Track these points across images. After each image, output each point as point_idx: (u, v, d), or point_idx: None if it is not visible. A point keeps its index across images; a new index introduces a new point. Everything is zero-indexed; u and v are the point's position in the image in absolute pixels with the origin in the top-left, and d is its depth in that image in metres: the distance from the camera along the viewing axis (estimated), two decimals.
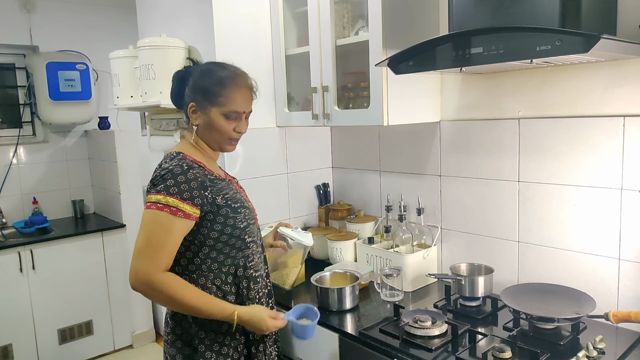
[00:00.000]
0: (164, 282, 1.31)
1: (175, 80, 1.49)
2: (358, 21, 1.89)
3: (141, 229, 1.34)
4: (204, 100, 1.42)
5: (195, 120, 1.45)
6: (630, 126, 1.46)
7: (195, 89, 1.43)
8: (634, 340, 1.44)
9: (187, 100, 1.45)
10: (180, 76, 1.48)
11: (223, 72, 1.44)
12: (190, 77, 1.45)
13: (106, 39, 3.82)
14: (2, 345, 3.06)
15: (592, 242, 1.58)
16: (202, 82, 1.43)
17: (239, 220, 1.42)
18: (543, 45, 1.15)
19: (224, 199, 1.40)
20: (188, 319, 1.40)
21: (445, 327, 1.50)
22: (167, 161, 1.41)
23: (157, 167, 1.43)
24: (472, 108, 1.86)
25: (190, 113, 1.44)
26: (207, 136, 1.46)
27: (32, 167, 3.67)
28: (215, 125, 1.43)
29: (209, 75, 1.43)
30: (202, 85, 1.42)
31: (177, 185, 1.32)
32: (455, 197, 1.95)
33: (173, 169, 1.35)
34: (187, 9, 2.18)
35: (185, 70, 1.49)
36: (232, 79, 1.43)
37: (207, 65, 1.48)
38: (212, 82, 1.42)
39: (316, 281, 1.80)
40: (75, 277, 3.32)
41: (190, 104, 1.44)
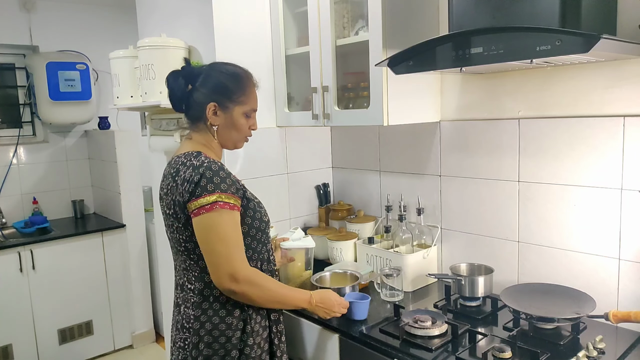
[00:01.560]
0: (258, 274, 1.40)
1: (179, 80, 1.46)
2: (358, 21, 1.89)
3: (212, 233, 1.33)
4: (226, 100, 1.45)
5: (216, 121, 1.46)
6: (630, 126, 1.46)
7: (217, 89, 1.44)
8: (634, 340, 1.43)
9: (205, 100, 1.44)
10: (188, 76, 1.46)
11: (241, 71, 1.50)
12: (200, 78, 1.45)
13: (106, 39, 3.82)
14: (2, 345, 3.06)
15: (592, 242, 1.58)
16: (225, 82, 1.45)
17: (263, 214, 1.49)
18: (543, 45, 1.15)
19: (250, 194, 1.46)
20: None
21: (445, 327, 1.50)
22: (193, 159, 1.39)
23: (179, 166, 1.39)
24: (472, 108, 1.86)
25: (211, 114, 1.45)
26: (226, 135, 1.49)
27: (32, 167, 3.67)
28: (237, 124, 1.48)
29: (231, 75, 1.47)
30: (225, 85, 1.45)
31: (223, 181, 1.35)
32: (455, 197, 1.95)
33: (210, 165, 1.36)
34: (187, 9, 2.18)
35: (190, 70, 1.47)
36: (249, 77, 1.51)
37: (222, 65, 1.50)
38: (234, 81, 1.46)
39: (316, 281, 1.80)
40: (75, 277, 3.32)
41: (211, 104, 1.44)
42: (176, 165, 1.42)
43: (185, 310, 1.45)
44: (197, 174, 1.34)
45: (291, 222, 2.33)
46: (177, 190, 1.37)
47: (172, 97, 1.49)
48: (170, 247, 1.52)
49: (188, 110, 1.49)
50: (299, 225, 2.28)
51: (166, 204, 1.43)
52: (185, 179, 1.36)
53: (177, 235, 1.42)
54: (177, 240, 1.44)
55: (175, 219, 1.40)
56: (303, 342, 1.75)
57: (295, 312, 1.76)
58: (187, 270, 1.45)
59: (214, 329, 1.39)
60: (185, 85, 1.46)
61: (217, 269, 1.33)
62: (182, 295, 1.47)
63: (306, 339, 1.74)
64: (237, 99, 1.46)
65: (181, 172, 1.38)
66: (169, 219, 1.43)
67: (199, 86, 1.45)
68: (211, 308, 1.40)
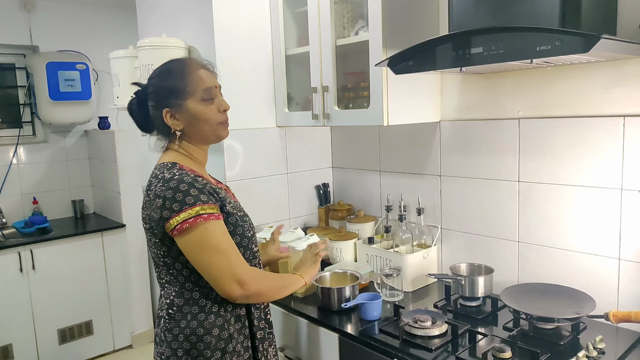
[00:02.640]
0: (258, 271, 1.38)
1: (135, 107, 1.40)
2: (358, 21, 1.89)
3: (206, 249, 1.24)
4: (175, 99, 1.34)
5: (177, 125, 1.36)
6: (630, 126, 1.46)
7: (161, 94, 1.35)
8: (634, 340, 1.44)
9: (157, 111, 1.36)
10: (140, 100, 1.39)
11: (173, 64, 1.39)
12: (147, 94, 1.38)
13: (106, 39, 3.82)
14: (2, 345, 3.06)
15: (592, 242, 1.58)
16: (164, 84, 1.35)
17: (246, 228, 1.38)
18: (543, 45, 1.15)
19: (231, 207, 1.35)
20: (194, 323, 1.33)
21: (445, 327, 1.50)
22: (165, 171, 1.31)
23: (152, 179, 1.32)
24: (472, 108, 1.86)
25: (168, 120, 1.35)
26: (197, 133, 1.38)
27: (32, 167, 3.67)
28: (199, 115, 1.35)
29: (167, 75, 1.37)
30: (166, 87, 1.35)
31: (200, 192, 1.26)
32: (455, 197, 1.95)
33: (182, 177, 1.27)
34: (187, 9, 2.18)
35: (138, 93, 1.41)
36: (185, 64, 1.38)
37: (159, 69, 1.40)
38: (173, 78, 1.35)
39: (316, 281, 1.80)
40: (75, 277, 3.32)
41: (165, 110, 1.34)
42: (150, 178, 1.34)
43: (163, 324, 1.35)
44: (168, 189, 1.25)
45: (291, 222, 2.33)
46: (152, 206, 1.28)
47: (138, 125, 1.43)
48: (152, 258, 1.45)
49: (150, 128, 1.43)
50: (299, 225, 2.28)
51: (143, 217, 1.34)
52: (157, 194, 1.27)
53: (155, 249, 1.34)
54: (155, 254, 1.36)
55: (152, 234, 1.31)
56: (303, 342, 1.75)
57: (295, 311, 1.76)
58: (168, 283, 1.36)
59: (192, 349, 1.30)
60: (141, 108, 1.39)
61: (223, 281, 1.26)
62: (164, 309, 1.37)
63: (306, 339, 1.74)
64: (183, 92, 1.33)
65: (152, 185, 1.30)
66: (147, 234, 1.35)
67: (148, 102, 1.37)
68: (188, 327, 1.31)
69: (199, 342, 1.30)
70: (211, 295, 1.33)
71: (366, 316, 1.64)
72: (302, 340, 1.75)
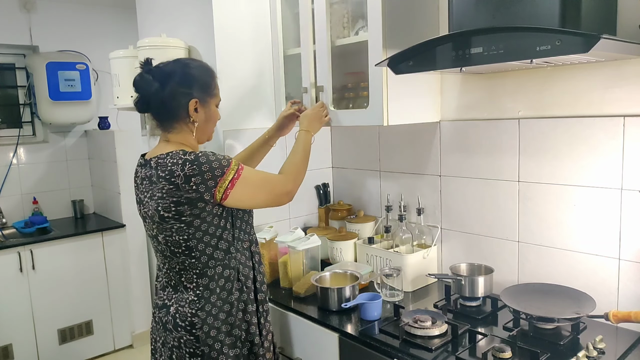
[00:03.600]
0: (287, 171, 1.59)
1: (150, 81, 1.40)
2: (358, 21, 1.89)
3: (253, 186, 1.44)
4: (204, 94, 1.47)
5: (198, 117, 1.46)
6: (630, 126, 1.46)
7: (196, 85, 1.45)
8: (634, 340, 1.44)
9: (186, 98, 1.42)
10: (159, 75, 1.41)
11: (209, 67, 1.53)
12: (176, 76, 1.42)
13: (106, 39, 3.82)
14: (2, 345, 3.06)
15: (592, 242, 1.58)
16: (203, 77, 1.47)
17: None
18: (543, 45, 1.15)
19: None
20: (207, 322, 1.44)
21: (445, 327, 1.50)
22: (182, 156, 1.36)
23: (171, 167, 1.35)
24: (472, 108, 1.86)
25: (193, 111, 1.44)
26: (203, 130, 1.51)
27: (32, 167, 3.67)
28: (213, 116, 1.52)
29: (206, 71, 1.50)
30: (203, 80, 1.47)
31: (223, 157, 1.41)
32: (455, 197, 1.95)
33: (205, 152, 1.40)
34: (187, 9, 2.18)
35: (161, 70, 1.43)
36: (214, 71, 1.53)
37: (191, 61, 1.52)
38: (209, 75, 1.50)
39: (316, 281, 1.80)
40: (75, 277, 3.32)
41: (193, 101, 1.44)
42: (165, 168, 1.36)
43: (179, 309, 1.43)
44: (200, 165, 1.35)
45: (291, 222, 2.33)
46: (183, 190, 1.34)
47: (144, 99, 1.44)
48: (157, 250, 1.50)
49: (162, 110, 1.45)
50: (299, 225, 2.28)
51: (163, 207, 1.37)
52: (188, 175, 1.34)
53: (175, 237, 1.40)
54: (175, 242, 1.41)
55: (176, 219, 1.38)
56: (303, 341, 1.75)
57: (295, 311, 1.76)
58: (185, 270, 1.44)
59: (216, 321, 1.44)
60: (160, 85, 1.41)
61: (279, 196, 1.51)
62: (176, 297, 1.46)
63: (306, 339, 1.74)
64: (212, 92, 1.50)
65: (177, 172, 1.34)
66: (166, 222, 1.39)
67: (176, 84, 1.41)
68: (219, 299, 1.45)
69: (231, 309, 1.47)
70: (231, 264, 1.47)
71: (366, 316, 1.64)
72: (302, 340, 1.75)
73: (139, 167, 1.50)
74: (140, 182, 1.49)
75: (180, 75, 1.43)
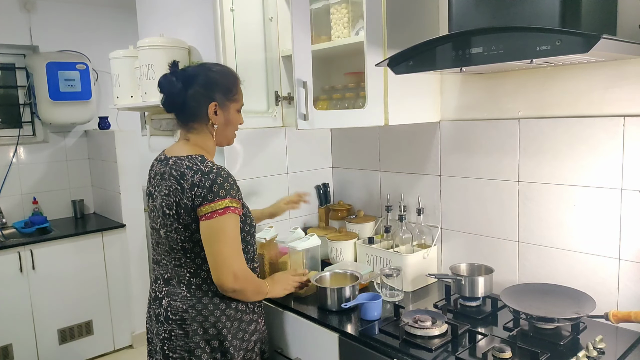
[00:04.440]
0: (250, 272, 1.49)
1: (174, 82, 1.47)
2: (358, 21, 1.89)
3: (220, 236, 1.39)
4: (225, 98, 1.51)
5: (217, 120, 1.51)
6: (630, 126, 1.46)
7: (217, 89, 1.50)
8: (634, 340, 1.44)
9: (205, 100, 1.48)
10: (183, 77, 1.48)
11: (232, 70, 1.58)
12: (199, 78, 1.48)
13: (106, 39, 3.82)
14: (2, 345, 3.06)
15: (592, 242, 1.58)
16: (222, 81, 1.51)
17: (252, 218, 1.57)
18: (543, 45, 1.15)
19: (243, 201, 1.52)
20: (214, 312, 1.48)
21: (445, 327, 1.50)
22: (199, 164, 1.42)
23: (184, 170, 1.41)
24: (472, 108, 1.86)
25: (212, 113, 1.50)
26: (223, 133, 1.55)
27: (32, 167, 3.67)
28: (233, 121, 1.55)
29: (227, 75, 1.54)
30: (223, 84, 1.51)
31: (232, 187, 1.42)
32: (455, 197, 1.95)
33: (220, 172, 1.41)
34: (187, 9, 2.18)
35: (185, 72, 1.50)
36: (237, 76, 1.58)
37: (214, 65, 1.57)
38: (230, 80, 1.54)
39: (316, 281, 1.80)
40: (75, 277, 3.32)
41: (212, 104, 1.49)
42: (179, 168, 1.43)
43: (171, 302, 1.48)
44: (207, 180, 1.39)
45: (291, 222, 2.33)
46: (185, 194, 1.40)
47: (169, 99, 1.51)
48: (157, 243, 1.55)
49: (183, 111, 1.51)
50: (299, 225, 2.27)
51: (167, 204, 1.45)
52: (194, 183, 1.39)
53: (174, 235, 1.46)
54: (173, 239, 1.47)
55: (175, 219, 1.44)
56: (302, 341, 1.75)
57: (295, 311, 1.76)
58: (180, 266, 1.49)
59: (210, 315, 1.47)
60: (183, 86, 1.48)
61: (222, 270, 1.40)
62: (168, 289, 1.51)
63: (306, 339, 1.74)
64: (232, 97, 1.53)
65: (187, 176, 1.41)
66: (167, 219, 1.46)
67: (198, 87, 1.48)
68: (210, 301, 1.47)
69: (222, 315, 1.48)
70: None
71: (366, 316, 1.64)
72: (302, 340, 1.75)
73: (157, 162, 1.56)
74: (153, 176, 1.55)
75: (202, 79, 1.49)
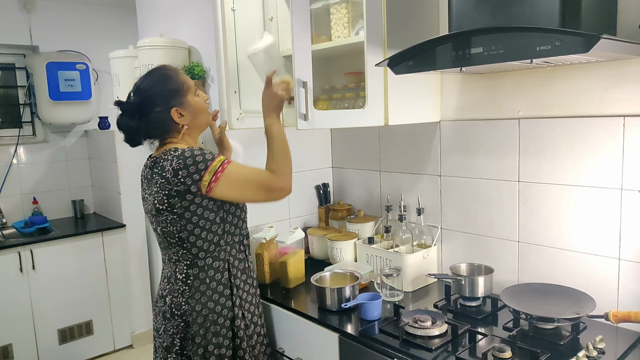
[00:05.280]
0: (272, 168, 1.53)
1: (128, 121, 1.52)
2: (358, 21, 1.89)
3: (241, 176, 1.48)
4: (179, 97, 1.52)
5: (184, 120, 1.54)
6: (630, 126, 1.46)
7: (168, 96, 1.51)
8: (634, 340, 1.44)
9: (164, 113, 1.51)
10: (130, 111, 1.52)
11: (164, 70, 1.56)
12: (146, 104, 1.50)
13: (106, 39, 3.82)
14: (2, 345, 3.06)
15: (592, 242, 1.58)
16: (167, 87, 1.51)
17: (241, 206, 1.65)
18: (543, 45, 1.15)
19: None
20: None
21: (445, 327, 1.50)
22: (172, 152, 1.47)
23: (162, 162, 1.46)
24: (472, 108, 1.86)
25: (177, 117, 1.52)
26: (197, 123, 1.58)
27: (32, 167, 3.67)
28: (198, 107, 1.56)
29: (165, 79, 1.53)
30: (169, 89, 1.51)
31: (209, 153, 1.47)
32: (455, 197, 1.95)
33: (192, 149, 1.46)
34: (187, 9, 2.18)
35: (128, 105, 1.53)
36: (171, 68, 1.57)
37: (151, 79, 1.54)
38: (171, 80, 1.53)
39: (316, 281, 1.80)
40: (75, 277, 3.32)
41: (173, 110, 1.51)
42: (158, 164, 1.48)
43: (173, 299, 1.54)
44: (186, 159, 1.43)
45: (291, 222, 2.33)
46: (172, 183, 1.44)
47: (132, 138, 1.55)
48: (159, 243, 1.61)
49: (157, 135, 1.56)
50: (299, 225, 2.28)
51: (158, 200, 1.49)
52: (175, 169, 1.43)
53: (170, 227, 1.51)
54: (169, 233, 1.52)
55: (169, 211, 1.48)
56: (303, 341, 1.75)
57: (295, 311, 1.76)
58: (178, 261, 1.55)
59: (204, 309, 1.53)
60: (137, 121, 1.51)
61: (267, 192, 1.50)
62: (169, 287, 1.56)
63: (305, 339, 1.74)
64: (182, 90, 1.53)
65: (167, 167, 1.45)
66: (161, 215, 1.50)
67: (149, 110, 1.51)
68: (203, 293, 1.53)
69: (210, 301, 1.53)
70: (221, 256, 1.56)
71: (366, 316, 1.64)
72: (302, 340, 1.75)
73: (143, 168, 1.62)
74: (143, 180, 1.61)
75: (148, 100, 1.51)
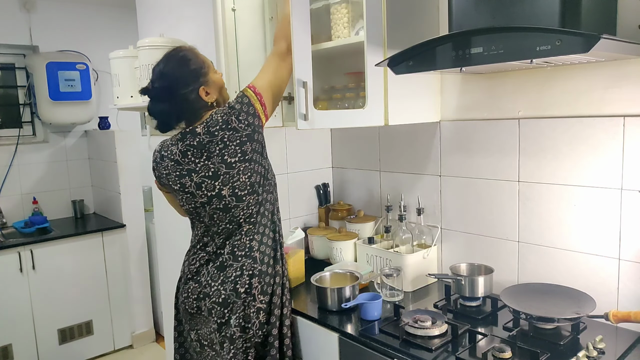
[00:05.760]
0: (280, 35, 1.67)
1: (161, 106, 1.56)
2: (358, 21, 1.89)
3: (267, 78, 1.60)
4: (203, 76, 1.57)
5: (211, 98, 1.60)
6: (630, 126, 1.46)
7: (193, 77, 1.56)
8: (633, 340, 1.44)
9: (193, 93, 1.55)
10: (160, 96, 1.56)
11: (184, 52, 1.61)
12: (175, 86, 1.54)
13: (106, 39, 3.82)
14: (2, 345, 3.06)
15: (592, 242, 1.58)
16: (191, 68, 1.56)
17: None
18: (543, 45, 1.15)
19: None
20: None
21: (445, 327, 1.50)
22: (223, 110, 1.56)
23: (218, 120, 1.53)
24: (472, 108, 1.86)
25: (204, 96, 1.57)
26: (221, 98, 1.65)
27: (32, 167, 3.67)
28: (220, 82, 1.64)
29: (186, 61, 1.57)
30: (193, 70, 1.56)
31: None
32: (455, 197, 1.95)
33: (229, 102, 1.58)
34: (187, 9, 2.18)
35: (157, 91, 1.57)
36: (190, 49, 1.63)
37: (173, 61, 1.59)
38: (192, 61, 1.58)
39: (316, 281, 1.80)
40: (75, 277, 3.32)
41: (201, 89, 1.56)
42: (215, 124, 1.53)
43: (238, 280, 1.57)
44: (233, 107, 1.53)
45: (291, 222, 2.33)
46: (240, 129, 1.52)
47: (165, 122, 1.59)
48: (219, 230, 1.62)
49: (186, 118, 1.59)
50: (299, 225, 2.28)
51: (229, 154, 1.53)
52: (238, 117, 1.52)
53: (243, 177, 1.55)
54: (241, 185, 1.55)
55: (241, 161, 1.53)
56: (303, 342, 1.75)
57: (295, 311, 1.76)
58: (257, 233, 1.61)
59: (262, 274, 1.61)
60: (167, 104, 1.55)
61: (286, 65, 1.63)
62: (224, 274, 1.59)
63: (305, 339, 1.74)
64: (204, 69, 1.58)
65: (230, 119, 1.52)
66: (233, 169, 1.53)
67: (177, 93, 1.54)
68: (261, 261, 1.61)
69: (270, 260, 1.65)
70: (274, 219, 1.68)
71: (366, 316, 1.64)
72: (302, 340, 1.75)
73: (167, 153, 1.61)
74: (181, 157, 1.58)
75: (175, 83, 1.54)
